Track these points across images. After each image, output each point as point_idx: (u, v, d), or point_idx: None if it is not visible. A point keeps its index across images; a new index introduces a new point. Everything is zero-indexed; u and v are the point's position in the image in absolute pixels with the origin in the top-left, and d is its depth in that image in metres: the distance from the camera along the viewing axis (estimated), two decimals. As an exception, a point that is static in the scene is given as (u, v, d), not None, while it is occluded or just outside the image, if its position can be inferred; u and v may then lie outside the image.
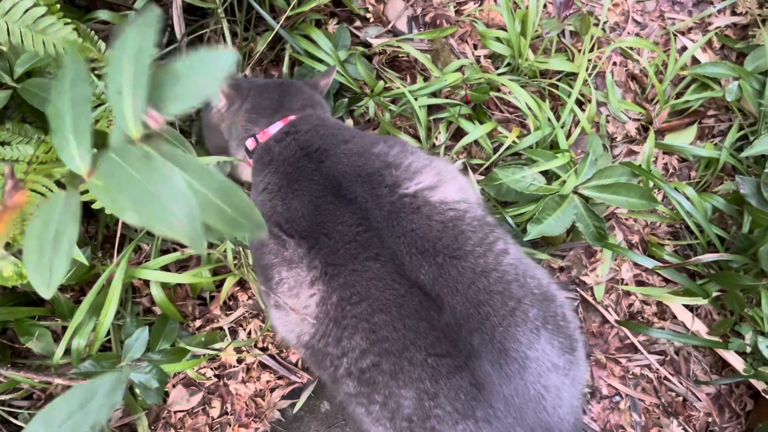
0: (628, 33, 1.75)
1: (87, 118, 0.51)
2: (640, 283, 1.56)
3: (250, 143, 1.28)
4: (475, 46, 1.71)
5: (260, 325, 1.50)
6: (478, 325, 0.96)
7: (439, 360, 0.94)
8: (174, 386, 1.46)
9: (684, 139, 1.64)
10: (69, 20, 1.25)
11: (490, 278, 1.00)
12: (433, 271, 1.00)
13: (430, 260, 1.01)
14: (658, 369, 1.51)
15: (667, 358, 1.52)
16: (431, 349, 0.95)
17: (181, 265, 1.51)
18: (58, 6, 1.19)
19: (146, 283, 1.45)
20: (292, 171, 1.15)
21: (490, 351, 0.95)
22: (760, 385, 1.41)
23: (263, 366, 1.48)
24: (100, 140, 1.23)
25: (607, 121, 1.65)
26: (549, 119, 1.54)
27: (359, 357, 0.99)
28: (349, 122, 1.63)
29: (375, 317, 0.98)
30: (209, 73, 0.46)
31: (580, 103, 1.64)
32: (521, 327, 0.97)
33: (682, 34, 1.74)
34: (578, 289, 1.55)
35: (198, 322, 1.48)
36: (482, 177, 1.51)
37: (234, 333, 1.49)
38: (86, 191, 1.14)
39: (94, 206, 1.16)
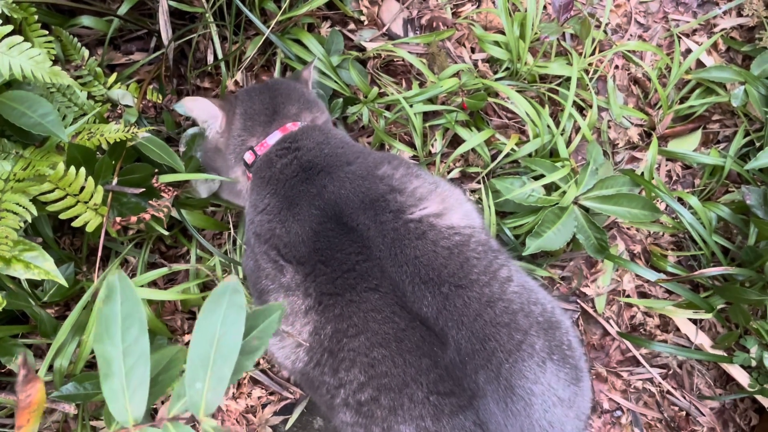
0: (631, 35, 1.69)
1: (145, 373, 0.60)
2: (642, 295, 1.51)
3: (248, 157, 1.23)
4: (473, 50, 1.66)
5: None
6: (484, 362, 0.92)
7: (441, 399, 0.90)
8: (162, 402, 1.42)
9: (688, 145, 1.59)
10: (45, 32, 1.19)
11: (496, 309, 0.96)
12: (437, 303, 0.96)
13: (434, 290, 0.97)
14: (660, 383, 1.47)
15: (670, 372, 1.48)
16: (433, 387, 0.91)
17: (170, 279, 1.47)
18: (36, 17, 1.14)
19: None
20: (294, 194, 1.11)
21: (496, 389, 0.91)
22: (765, 401, 1.36)
23: (254, 381, 1.44)
24: (79, 154, 1.17)
25: (609, 127, 1.60)
26: (548, 126, 1.49)
27: (357, 390, 0.95)
28: (342, 129, 1.58)
29: (373, 351, 0.94)
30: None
31: (580, 109, 1.59)
32: (528, 362, 0.93)
33: (687, 36, 1.68)
34: (578, 300, 1.51)
35: (187, 337, 1.43)
36: (479, 186, 1.46)
37: (224, 348, 1.45)
38: (71, 206, 1.10)
39: (75, 224, 1.12)
